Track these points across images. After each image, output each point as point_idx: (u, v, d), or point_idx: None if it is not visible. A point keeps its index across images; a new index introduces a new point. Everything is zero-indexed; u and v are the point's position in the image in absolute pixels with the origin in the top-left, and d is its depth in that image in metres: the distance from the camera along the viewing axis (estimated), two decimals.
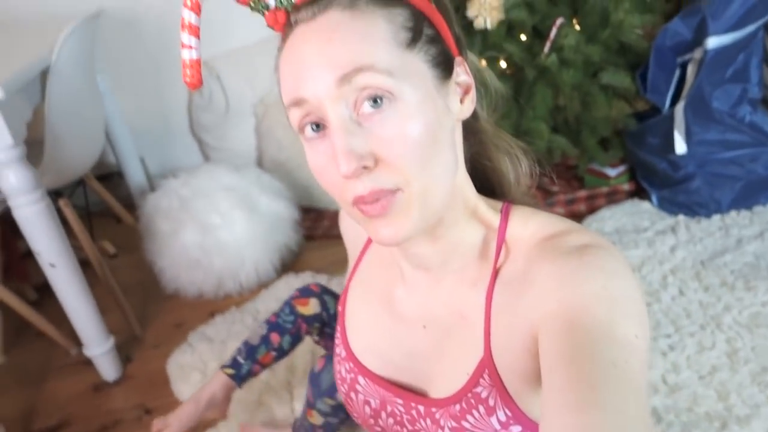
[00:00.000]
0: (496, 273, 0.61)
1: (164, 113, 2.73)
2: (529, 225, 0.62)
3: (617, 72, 1.85)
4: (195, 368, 1.75)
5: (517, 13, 1.71)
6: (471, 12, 1.73)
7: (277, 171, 2.43)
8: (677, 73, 1.92)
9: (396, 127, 0.53)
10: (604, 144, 2.09)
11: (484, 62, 1.90)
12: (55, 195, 1.83)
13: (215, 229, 2.02)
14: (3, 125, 1.40)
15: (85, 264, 1.78)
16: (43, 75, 1.63)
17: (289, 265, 2.16)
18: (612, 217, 2.03)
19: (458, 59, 0.60)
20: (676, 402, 1.37)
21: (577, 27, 1.85)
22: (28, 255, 1.85)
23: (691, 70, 1.86)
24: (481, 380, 0.61)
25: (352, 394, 0.75)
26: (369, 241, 0.78)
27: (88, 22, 1.81)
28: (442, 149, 0.56)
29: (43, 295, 2.18)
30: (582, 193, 2.17)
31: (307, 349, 1.74)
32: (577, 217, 2.13)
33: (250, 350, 1.25)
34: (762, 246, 1.78)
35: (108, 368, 1.80)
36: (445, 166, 0.57)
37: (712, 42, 1.77)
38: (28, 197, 1.50)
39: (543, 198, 2.16)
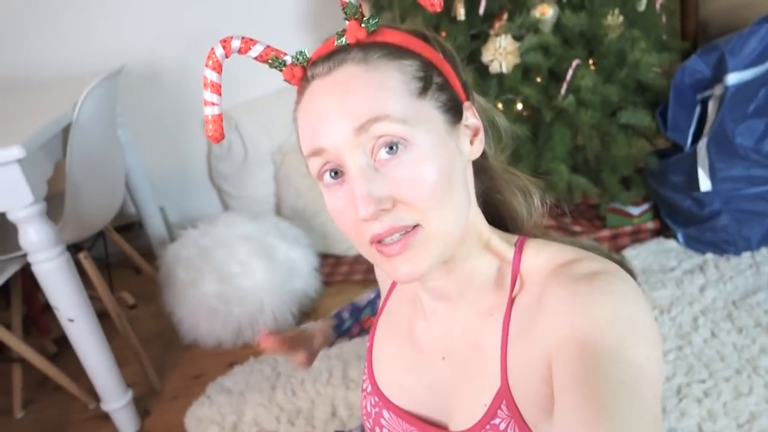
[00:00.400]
0: (511, 303, 0.63)
1: (184, 163, 2.76)
2: (542, 255, 0.64)
3: (636, 111, 1.83)
4: (213, 421, 1.72)
5: (532, 57, 1.70)
6: (486, 57, 1.73)
7: (296, 218, 2.43)
8: (698, 110, 1.89)
9: (412, 170, 0.56)
10: (625, 182, 2.06)
11: (500, 105, 1.89)
12: (74, 248, 1.83)
13: (234, 278, 2.01)
14: (23, 182, 1.42)
15: (103, 316, 1.77)
16: (65, 131, 1.65)
17: (307, 311, 2.14)
18: (638, 256, 1.98)
19: (467, 104, 0.64)
20: None
21: (593, 68, 1.85)
22: (48, 308, 1.85)
23: (712, 107, 1.83)
24: (499, 411, 0.62)
25: (377, 429, 0.76)
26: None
27: (109, 78, 1.84)
28: (456, 188, 0.59)
29: (62, 348, 2.17)
30: (605, 233, 2.13)
31: (327, 400, 1.70)
32: None
33: (355, 309, 1.20)
34: None
35: (126, 423, 1.77)
36: (459, 203, 0.60)
37: (733, 78, 1.75)
38: (48, 253, 1.51)
39: None
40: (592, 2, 1.78)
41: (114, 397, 1.73)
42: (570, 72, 1.77)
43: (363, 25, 0.59)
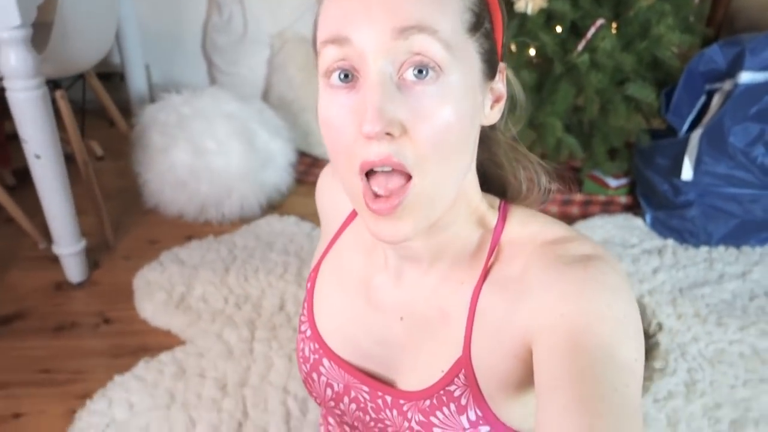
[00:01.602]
0: (485, 274, 0.59)
1: (179, 24, 2.65)
2: (529, 226, 0.60)
3: (644, 86, 1.82)
4: (161, 287, 1.74)
5: (560, 5, 1.66)
6: None
7: (282, 109, 2.38)
8: (702, 99, 1.89)
9: (434, 105, 0.50)
10: (611, 153, 2.07)
11: (514, 47, 1.85)
12: (52, 85, 1.77)
13: (208, 154, 1.98)
14: (13, 3, 1.34)
15: (69, 159, 1.73)
16: None
17: (275, 205, 2.14)
18: (603, 226, 2.02)
19: (501, 65, 0.58)
20: None
21: (614, 32, 1.81)
22: (13, 138, 1.80)
23: (716, 100, 1.83)
24: (456, 379, 0.60)
25: (314, 375, 0.72)
26: (349, 220, 0.73)
27: None
28: (464, 148, 0.54)
29: (21, 182, 2.13)
30: (579, 197, 2.16)
31: (277, 293, 1.73)
32: (569, 219, 2.12)
33: None
34: (742, 286, 1.79)
35: (74, 270, 1.78)
36: (461, 164, 0.55)
37: (745, 77, 1.74)
38: (26, 82, 1.45)
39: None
40: None
41: (67, 241, 1.72)
42: (592, 30, 1.73)
43: None
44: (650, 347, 1.55)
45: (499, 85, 0.58)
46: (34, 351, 1.58)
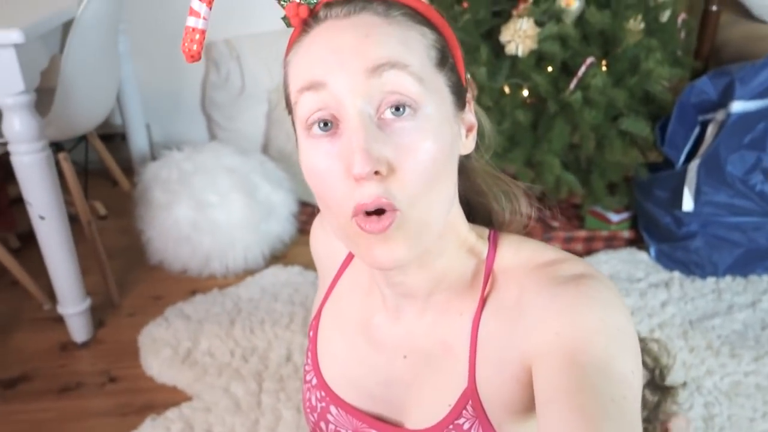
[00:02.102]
0: (483, 303, 0.60)
1: (178, 84, 2.71)
2: (521, 252, 0.61)
3: (638, 120, 1.84)
4: (167, 344, 1.72)
5: (549, 46, 1.69)
6: (504, 36, 1.72)
7: (282, 161, 2.41)
8: (696, 130, 1.91)
9: (415, 140, 0.51)
10: (611, 188, 2.08)
11: (507, 88, 1.89)
12: (55, 147, 1.80)
13: (210, 208, 1.99)
14: (17, 70, 1.38)
15: (73, 220, 1.75)
16: (66, 26, 1.60)
17: (278, 256, 2.14)
18: (608, 262, 2.02)
19: (468, 96, 0.61)
20: None
21: (605, 68, 1.85)
22: (17, 201, 1.82)
23: (710, 131, 1.85)
24: (464, 411, 0.60)
25: (323, 424, 0.71)
26: (345, 264, 0.74)
27: None
28: (447, 177, 0.56)
29: (26, 244, 2.14)
30: (581, 233, 2.16)
31: (283, 344, 1.71)
32: None
33: None
34: (752, 315, 1.77)
35: (79, 329, 1.77)
36: (446, 194, 0.56)
37: (737, 106, 1.77)
38: (30, 146, 1.48)
39: (542, 232, 2.15)
40: (618, 3, 1.77)
41: (72, 301, 1.72)
42: (582, 68, 1.77)
43: None
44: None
45: (469, 115, 0.61)
46: (41, 414, 1.57)
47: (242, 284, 1.99)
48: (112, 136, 2.69)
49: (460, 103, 0.58)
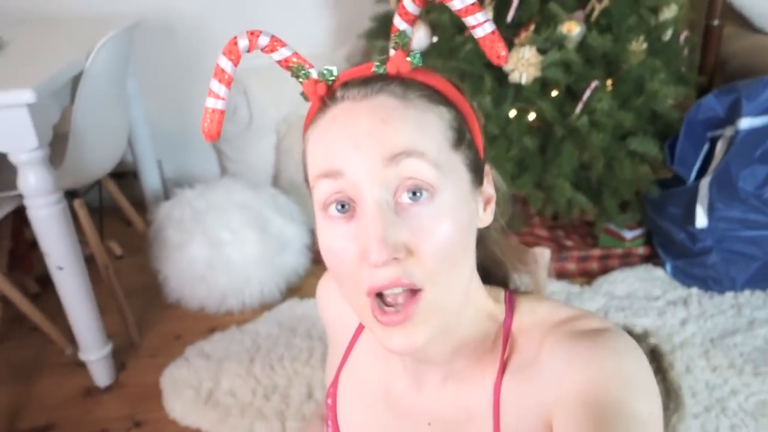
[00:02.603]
0: (503, 366, 0.61)
1: (187, 119, 2.74)
2: (537, 312, 0.62)
3: (646, 139, 1.84)
4: (189, 385, 1.73)
5: (553, 72, 1.70)
6: (507, 65, 1.73)
7: (293, 191, 2.42)
8: (706, 147, 1.91)
9: (433, 223, 0.52)
10: (623, 205, 2.08)
11: (513, 113, 1.89)
12: (70, 195, 1.82)
13: (224, 246, 2.01)
14: (30, 127, 1.40)
15: (89, 260, 1.77)
16: (75, 78, 1.63)
17: (294, 288, 2.15)
18: (624, 280, 2.01)
19: (486, 168, 0.61)
20: None
21: (610, 89, 1.85)
22: (35, 245, 1.84)
23: (720, 147, 1.85)
24: None
25: None
26: (361, 328, 0.74)
27: (126, 30, 1.81)
28: (467, 255, 0.56)
29: (44, 288, 2.16)
30: (596, 252, 2.15)
31: (304, 380, 1.72)
32: (589, 275, 2.11)
33: None
34: None
35: (101, 374, 1.78)
36: (466, 271, 0.57)
37: (745, 123, 1.77)
38: (45, 200, 1.50)
39: (556, 252, 2.15)
40: (620, 26, 1.77)
41: (93, 348, 1.73)
42: (587, 92, 1.77)
43: (408, 58, 0.55)
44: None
45: (488, 187, 0.61)
46: None
47: (260, 320, 2.00)
48: (124, 174, 2.72)
49: (478, 179, 0.59)
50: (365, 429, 0.70)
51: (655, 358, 1.48)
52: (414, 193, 0.52)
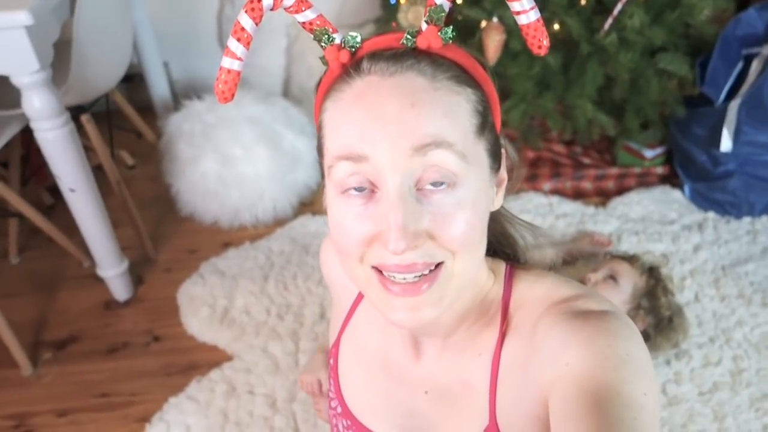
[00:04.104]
0: (501, 341, 0.61)
1: (193, 19, 2.61)
2: (535, 289, 0.62)
3: (676, 57, 1.73)
4: (205, 302, 1.78)
5: None
6: None
7: (305, 101, 2.36)
8: (739, 66, 1.80)
9: (455, 212, 0.52)
10: (645, 124, 2.00)
11: None
12: (77, 110, 1.78)
13: (236, 162, 1.98)
14: (30, 49, 1.34)
15: (100, 170, 1.76)
16: None
17: (307, 204, 2.15)
18: (640, 202, 1.98)
19: (502, 152, 0.60)
20: (671, 415, 1.39)
21: (642, 1, 1.72)
22: None
23: (755, 67, 1.75)
24: None
25: None
26: (361, 295, 0.74)
27: None
28: (482, 238, 0.56)
29: (58, 199, 2.17)
30: (613, 171, 2.10)
31: (317, 300, 1.76)
32: (605, 195, 2.08)
33: None
34: None
35: (120, 289, 1.83)
36: (480, 254, 0.57)
37: None
38: (52, 122, 1.47)
39: (573, 170, 2.10)
40: None
41: (110, 264, 1.77)
42: (618, 6, 1.65)
43: (440, 34, 0.53)
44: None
45: (503, 171, 0.61)
46: (91, 375, 1.65)
47: (273, 236, 2.01)
48: (131, 77, 2.64)
49: (496, 164, 0.58)
50: (364, 392, 0.73)
51: (653, 275, 1.49)
52: (437, 182, 0.51)
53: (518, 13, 0.53)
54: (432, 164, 0.51)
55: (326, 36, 0.54)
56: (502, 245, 0.69)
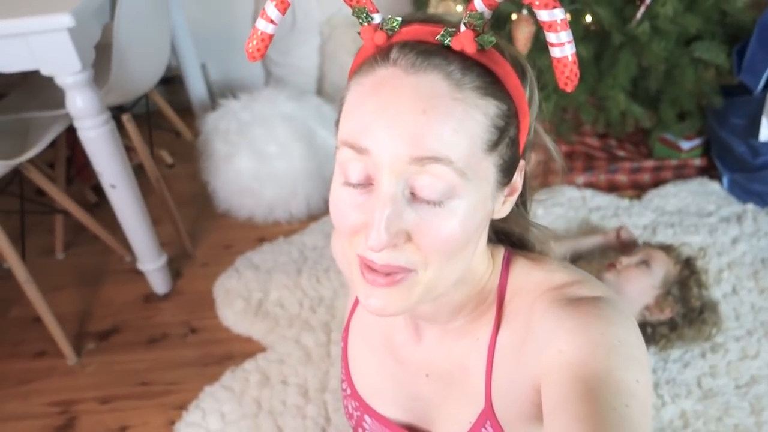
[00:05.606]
0: (497, 326, 0.62)
1: (229, 21, 2.68)
2: (532, 276, 0.62)
3: (713, 45, 1.70)
4: (240, 295, 1.82)
5: None
6: None
7: (338, 97, 2.38)
8: None
9: (442, 221, 0.52)
10: (681, 115, 1.96)
11: (569, 15, 1.77)
12: (118, 110, 1.84)
13: (271, 158, 2.02)
14: (72, 50, 1.40)
15: (140, 169, 1.81)
16: None
17: None
18: (677, 194, 1.95)
19: (521, 164, 0.59)
20: (707, 408, 1.37)
21: None
22: None
23: None
24: (483, 430, 0.64)
25: (360, 430, 0.78)
26: None
27: None
28: (468, 245, 0.55)
29: (102, 198, 2.25)
30: (649, 163, 2.07)
31: (347, 293, 1.78)
32: (641, 188, 2.05)
33: None
34: None
35: (159, 282, 1.89)
36: (463, 259, 0.56)
37: None
38: (94, 121, 1.52)
39: (607, 163, 2.08)
40: None
41: (150, 258, 1.83)
42: None
43: (477, 39, 0.51)
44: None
45: (516, 180, 0.59)
46: (132, 364, 1.71)
47: (306, 231, 2.05)
48: (170, 79, 2.72)
49: (507, 177, 0.57)
50: (372, 372, 0.75)
51: (688, 266, 1.47)
52: (430, 199, 0.51)
53: (553, 45, 0.51)
54: (428, 177, 0.50)
55: (364, 14, 0.53)
56: (508, 232, 0.69)
